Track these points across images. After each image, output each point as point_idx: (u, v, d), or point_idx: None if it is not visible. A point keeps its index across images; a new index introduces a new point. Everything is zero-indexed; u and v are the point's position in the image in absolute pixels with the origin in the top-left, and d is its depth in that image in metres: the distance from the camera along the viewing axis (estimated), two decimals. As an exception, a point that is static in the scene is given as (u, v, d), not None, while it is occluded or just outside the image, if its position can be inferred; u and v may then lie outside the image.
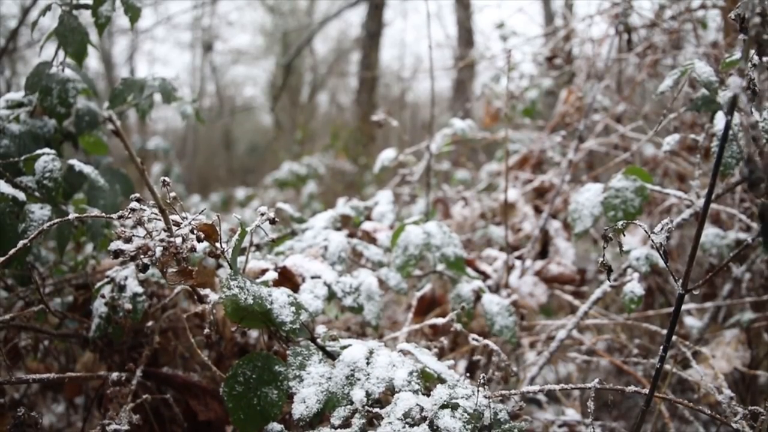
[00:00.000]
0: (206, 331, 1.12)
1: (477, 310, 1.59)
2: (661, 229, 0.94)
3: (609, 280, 1.03)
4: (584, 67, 2.71)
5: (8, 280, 1.54)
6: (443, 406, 0.95)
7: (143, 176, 0.80)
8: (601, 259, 0.98)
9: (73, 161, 1.41)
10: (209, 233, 0.96)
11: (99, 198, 1.42)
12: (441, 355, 1.34)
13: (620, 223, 0.97)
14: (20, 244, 1.03)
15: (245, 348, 1.48)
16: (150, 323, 1.40)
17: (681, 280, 0.92)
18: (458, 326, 1.33)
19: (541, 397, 1.79)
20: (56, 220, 1.06)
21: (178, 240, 0.88)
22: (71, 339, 1.48)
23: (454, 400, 0.96)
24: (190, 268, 0.96)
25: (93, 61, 9.19)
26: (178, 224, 0.91)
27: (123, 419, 1.13)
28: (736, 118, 1.08)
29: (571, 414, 1.67)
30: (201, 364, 1.52)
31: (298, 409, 0.98)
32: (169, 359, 1.53)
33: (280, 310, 1.04)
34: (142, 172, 0.79)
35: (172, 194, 0.92)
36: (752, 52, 1.11)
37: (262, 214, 1.04)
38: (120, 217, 0.85)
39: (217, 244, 0.98)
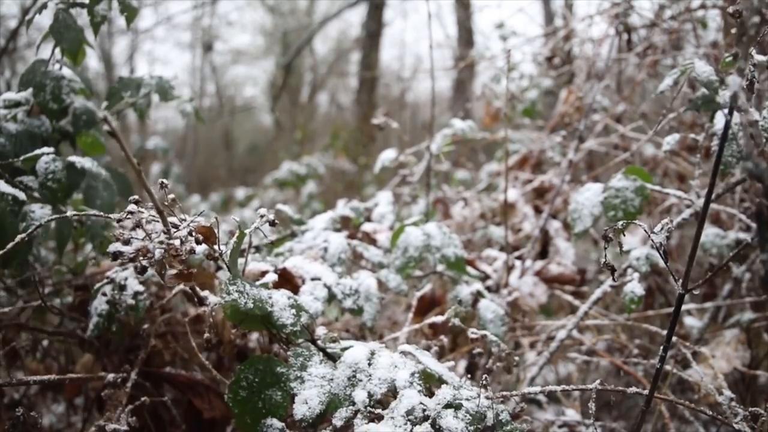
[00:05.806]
0: (206, 335, 1.11)
1: (475, 312, 1.59)
2: (661, 229, 0.94)
3: (614, 279, 1.02)
4: (584, 67, 2.70)
5: (8, 281, 1.54)
6: (447, 406, 0.94)
7: (140, 178, 0.80)
8: (604, 260, 0.98)
9: (73, 158, 1.41)
10: (207, 235, 0.95)
11: (96, 197, 1.42)
12: (441, 355, 1.33)
13: (620, 223, 0.97)
14: (18, 238, 1.02)
15: (244, 350, 1.47)
16: (146, 325, 1.39)
17: (681, 280, 0.92)
18: (456, 321, 1.32)
19: (541, 397, 1.79)
20: (55, 216, 1.06)
21: (177, 242, 0.87)
22: (69, 337, 1.48)
23: (458, 401, 0.96)
24: (188, 270, 0.95)
25: (93, 61, 9.19)
26: (176, 226, 0.90)
27: (122, 421, 1.12)
28: (736, 117, 1.07)
29: (571, 414, 1.67)
30: (200, 365, 1.52)
31: (301, 410, 0.97)
32: (169, 361, 1.53)
33: (280, 312, 1.03)
34: (139, 173, 0.78)
35: (171, 196, 0.92)
36: (752, 50, 1.11)
37: (262, 216, 1.03)
38: (119, 221, 0.85)
39: (216, 247, 0.97)
